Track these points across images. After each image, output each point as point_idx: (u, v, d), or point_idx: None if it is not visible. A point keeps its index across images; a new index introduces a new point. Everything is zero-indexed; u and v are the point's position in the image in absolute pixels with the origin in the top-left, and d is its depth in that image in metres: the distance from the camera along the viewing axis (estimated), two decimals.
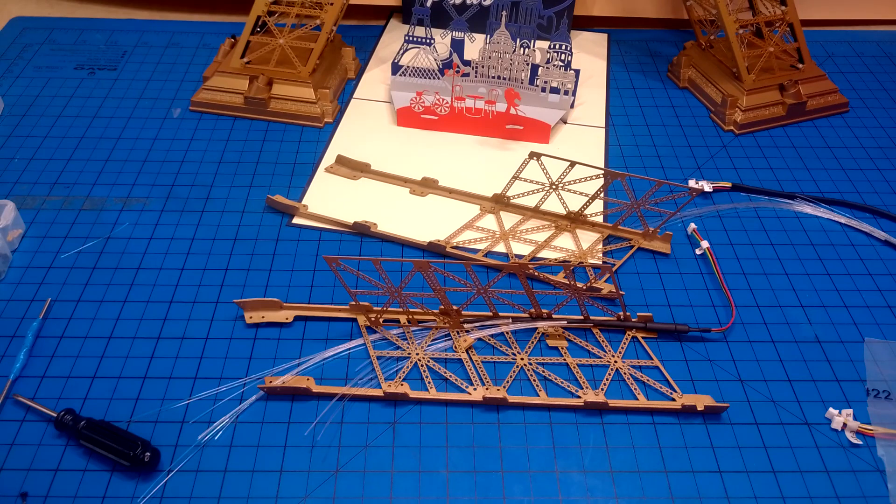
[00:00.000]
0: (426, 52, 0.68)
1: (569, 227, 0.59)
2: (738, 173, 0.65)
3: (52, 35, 0.81)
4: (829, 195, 0.63)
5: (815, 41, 0.82)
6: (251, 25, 0.69)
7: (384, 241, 0.58)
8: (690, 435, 0.45)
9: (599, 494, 0.42)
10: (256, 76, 0.69)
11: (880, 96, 0.75)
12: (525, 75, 0.66)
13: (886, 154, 0.68)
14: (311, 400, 0.46)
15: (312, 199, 0.61)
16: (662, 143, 0.68)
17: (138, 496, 0.42)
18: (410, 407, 0.46)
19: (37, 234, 0.58)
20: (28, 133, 0.67)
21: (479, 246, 0.57)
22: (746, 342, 0.51)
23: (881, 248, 0.58)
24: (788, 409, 0.47)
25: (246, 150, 0.66)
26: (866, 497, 0.42)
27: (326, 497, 0.42)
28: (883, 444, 0.45)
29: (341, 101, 0.72)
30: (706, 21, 0.75)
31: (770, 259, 0.57)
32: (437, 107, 0.67)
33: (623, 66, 0.79)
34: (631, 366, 0.49)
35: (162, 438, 0.44)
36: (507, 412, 0.46)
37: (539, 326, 0.50)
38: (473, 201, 0.61)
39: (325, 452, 0.44)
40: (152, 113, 0.70)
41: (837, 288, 0.55)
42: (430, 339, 0.50)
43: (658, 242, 0.57)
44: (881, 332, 0.52)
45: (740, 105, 0.69)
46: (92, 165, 0.64)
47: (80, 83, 0.74)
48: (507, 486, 0.42)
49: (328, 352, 0.49)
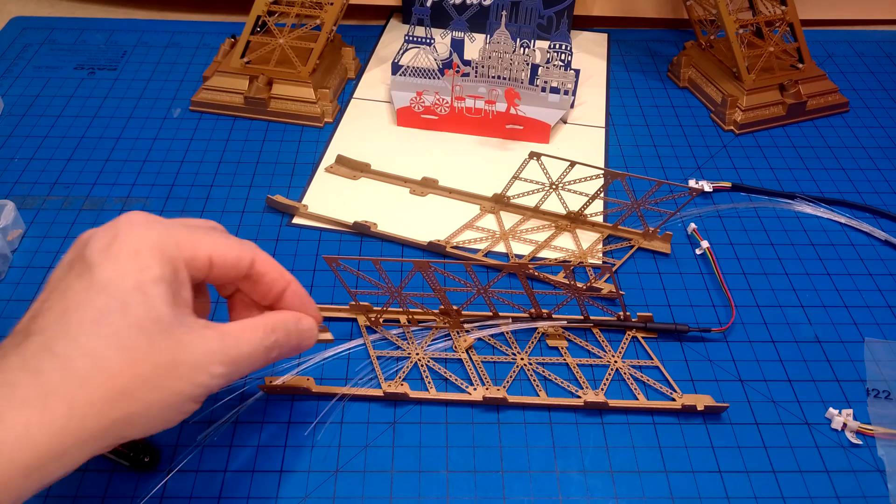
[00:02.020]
0: (426, 51, 0.68)
1: (569, 227, 0.59)
2: (738, 173, 0.65)
3: (51, 35, 0.81)
4: (829, 195, 0.63)
5: (815, 41, 0.82)
6: (251, 25, 0.69)
7: (384, 241, 0.58)
8: (690, 435, 0.45)
9: (599, 494, 0.42)
10: (256, 76, 0.69)
11: (880, 96, 0.75)
12: (525, 75, 0.66)
13: (886, 154, 0.68)
14: (311, 400, 0.46)
15: (312, 199, 0.61)
16: (662, 142, 0.68)
17: (138, 496, 0.42)
18: (410, 407, 0.46)
19: (37, 234, 0.58)
20: (28, 133, 0.67)
21: (479, 246, 0.57)
22: (746, 342, 0.51)
23: (881, 248, 0.58)
24: (788, 409, 0.47)
25: (246, 149, 0.66)
26: (866, 497, 0.42)
27: (326, 497, 0.42)
28: (883, 444, 0.45)
29: (341, 101, 0.72)
30: (706, 21, 0.75)
31: (770, 259, 0.57)
32: (437, 107, 0.67)
33: (623, 65, 0.79)
34: (631, 366, 0.49)
35: (162, 438, 0.44)
36: (507, 412, 0.46)
37: (539, 326, 0.50)
38: (473, 201, 0.61)
39: (325, 452, 0.44)
40: (152, 113, 0.70)
41: (837, 288, 0.55)
42: (430, 339, 0.50)
43: (658, 242, 0.57)
44: (881, 332, 0.52)
45: (740, 105, 0.69)
46: (92, 165, 0.64)
47: (80, 83, 0.74)
48: (507, 486, 0.42)
49: (328, 352, 0.49)
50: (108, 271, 0.32)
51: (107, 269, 0.32)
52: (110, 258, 0.32)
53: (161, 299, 0.32)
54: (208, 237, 0.36)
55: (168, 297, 0.33)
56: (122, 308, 0.31)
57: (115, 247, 0.33)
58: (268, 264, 0.39)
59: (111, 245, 0.33)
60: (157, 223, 0.35)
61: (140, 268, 0.32)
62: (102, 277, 0.32)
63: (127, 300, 0.32)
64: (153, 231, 0.34)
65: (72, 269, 0.33)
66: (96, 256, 0.32)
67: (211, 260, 0.36)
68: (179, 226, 0.36)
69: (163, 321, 0.32)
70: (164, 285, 0.33)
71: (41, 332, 0.31)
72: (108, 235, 0.33)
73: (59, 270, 0.34)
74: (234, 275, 0.37)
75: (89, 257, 0.33)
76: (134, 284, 0.32)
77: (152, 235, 0.34)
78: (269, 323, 0.37)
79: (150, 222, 0.34)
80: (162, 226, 0.35)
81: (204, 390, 0.34)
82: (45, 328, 0.31)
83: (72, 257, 0.34)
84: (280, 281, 0.39)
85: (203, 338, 0.34)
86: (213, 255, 0.36)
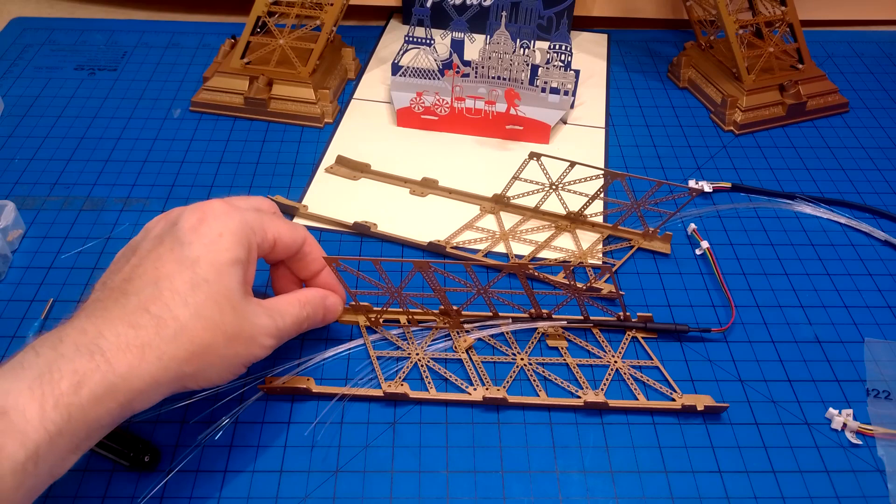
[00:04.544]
0: (426, 52, 0.68)
1: (569, 227, 0.59)
2: (738, 173, 0.65)
3: (52, 35, 0.81)
4: (829, 195, 0.63)
5: (814, 41, 0.82)
6: (251, 26, 0.69)
7: (384, 241, 0.58)
8: (690, 435, 0.45)
9: (599, 494, 0.42)
10: (256, 76, 0.69)
11: (880, 97, 0.75)
12: (525, 76, 0.66)
13: (886, 154, 0.68)
14: (311, 400, 0.47)
15: (312, 199, 0.61)
16: (662, 143, 0.68)
17: (138, 496, 0.42)
18: (410, 407, 0.46)
19: (37, 234, 0.58)
20: (28, 133, 0.67)
21: (479, 246, 0.57)
22: (746, 342, 0.51)
23: (881, 248, 0.58)
24: (788, 409, 0.47)
25: (246, 150, 0.66)
26: (866, 497, 0.42)
27: (326, 497, 0.42)
28: (883, 444, 0.45)
29: (341, 102, 0.73)
30: (706, 21, 0.75)
31: (770, 259, 0.57)
32: (437, 107, 0.67)
33: (623, 66, 0.79)
34: (631, 366, 0.49)
35: (162, 438, 0.44)
36: (507, 412, 0.46)
37: (539, 326, 0.50)
38: (473, 201, 0.61)
39: (325, 452, 0.44)
40: (152, 113, 0.70)
41: (837, 288, 0.55)
42: (430, 339, 0.50)
43: (658, 243, 0.57)
44: (881, 332, 0.52)
45: (740, 105, 0.69)
46: (92, 166, 0.64)
47: (80, 83, 0.74)
48: (507, 486, 0.42)
49: (328, 352, 0.49)
50: (196, 250, 0.38)
51: (195, 247, 0.38)
52: (198, 238, 0.39)
53: (234, 279, 0.39)
54: (273, 222, 0.43)
55: (240, 276, 0.39)
56: (205, 284, 0.38)
57: (202, 228, 0.39)
58: (313, 246, 0.46)
59: (199, 226, 0.39)
60: (236, 210, 0.41)
61: (222, 249, 0.39)
62: (191, 254, 0.38)
63: (209, 277, 0.38)
64: (234, 217, 0.40)
65: (162, 243, 0.39)
66: (186, 235, 0.39)
67: (276, 242, 0.43)
68: (252, 210, 0.42)
69: (233, 298, 0.38)
70: (239, 266, 0.39)
71: (137, 294, 0.37)
72: (195, 217, 0.40)
73: (149, 242, 0.40)
74: (288, 254, 0.45)
75: (180, 235, 0.39)
76: (216, 264, 0.38)
77: (234, 222, 0.40)
78: (303, 299, 0.44)
79: (232, 211, 0.40)
80: (240, 212, 0.41)
81: (254, 358, 0.40)
82: (140, 290, 0.37)
83: (161, 230, 0.40)
84: (320, 261, 0.46)
85: (258, 314, 0.40)
86: (277, 238, 0.43)
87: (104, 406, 0.34)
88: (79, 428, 0.33)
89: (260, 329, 0.40)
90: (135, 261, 0.39)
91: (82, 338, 0.35)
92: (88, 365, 0.34)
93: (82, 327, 0.35)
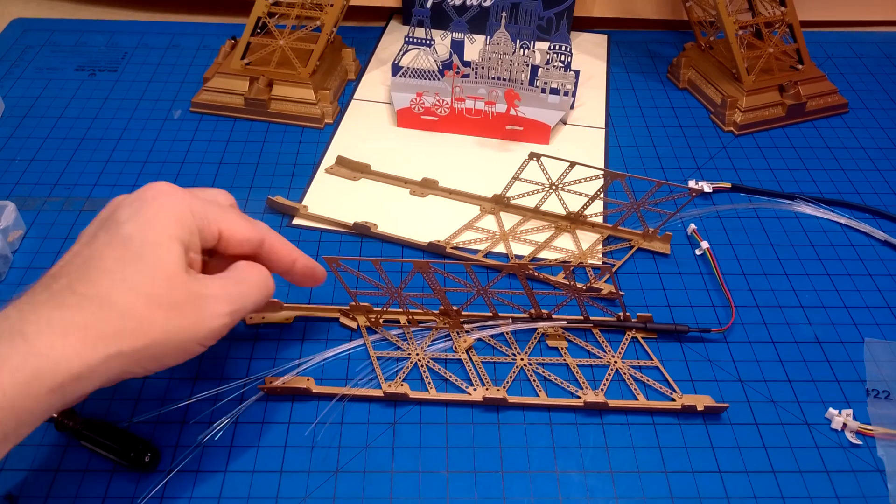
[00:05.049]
0: (426, 53, 0.68)
1: (569, 227, 0.59)
2: (738, 174, 0.65)
3: (52, 37, 0.81)
4: (829, 195, 0.63)
5: (814, 42, 0.82)
6: (251, 27, 0.69)
7: (384, 241, 0.58)
8: (690, 435, 0.45)
9: (599, 494, 0.42)
10: (257, 77, 0.69)
11: (880, 97, 0.75)
12: (525, 76, 0.66)
13: (886, 154, 0.68)
14: (311, 400, 0.47)
15: (313, 199, 0.61)
16: (662, 143, 0.68)
17: (138, 496, 0.42)
18: (410, 407, 0.46)
19: (37, 234, 0.58)
20: (29, 134, 0.67)
21: (479, 246, 0.57)
22: (746, 342, 0.51)
23: (881, 249, 0.58)
24: (788, 409, 0.47)
25: (246, 151, 0.66)
26: (866, 497, 0.42)
27: (326, 497, 0.42)
28: (883, 444, 0.45)
29: (341, 103, 0.73)
30: (706, 22, 0.75)
31: (770, 259, 0.57)
32: (437, 108, 0.67)
33: (623, 67, 0.79)
34: (631, 366, 0.49)
35: (162, 439, 0.44)
36: (507, 412, 0.46)
37: (539, 327, 0.50)
38: (473, 202, 0.61)
39: (325, 453, 0.44)
40: (153, 114, 0.70)
41: (837, 288, 0.55)
42: (430, 339, 0.50)
43: (658, 243, 0.57)
44: (881, 333, 0.52)
45: (740, 106, 0.69)
46: (92, 167, 0.64)
47: (80, 84, 0.74)
48: (507, 487, 0.42)
49: (328, 352, 0.49)
50: (129, 228, 0.37)
51: (129, 226, 0.37)
52: (134, 216, 0.38)
53: (170, 253, 0.37)
54: (222, 213, 0.41)
55: (178, 252, 0.38)
56: (136, 259, 0.37)
57: (141, 209, 0.38)
58: (277, 244, 0.44)
59: (139, 208, 0.38)
60: (180, 193, 0.40)
61: (157, 227, 0.38)
62: (125, 233, 0.37)
63: (142, 252, 0.37)
64: (175, 199, 0.39)
65: (101, 227, 0.39)
66: (124, 216, 0.38)
67: (220, 233, 0.41)
68: (198, 199, 0.41)
69: (168, 269, 0.37)
70: (176, 243, 0.38)
71: (66, 276, 0.36)
72: (136, 200, 0.39)
73: (91, 227, 0.39)
74: (241, 250, 0.43)
75: (118, 217, 0.38)
76: (148, 240, 0.37)
77: (174, 203, 0.39)
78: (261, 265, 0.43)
79: (173, 191, 0.40)
80: (182, 195, 0.40)
81: (210, 332, 0.38)
82: (70, 272, 0.36)
83: (104, 216, 0.40)
84: (288, 259, 0.45)
85: (205, 284, 0.39)
86: (222, 230, 0.41)
87: (31, 392, 0.33)
88: (5, 416, 0.32)
89: (210, 299, 0.38)
90: (75, 248, 0.38)
91: (4, 323, 0.34)
92: (8, 350, 0.33)
93: (6, 314, 0.35)
